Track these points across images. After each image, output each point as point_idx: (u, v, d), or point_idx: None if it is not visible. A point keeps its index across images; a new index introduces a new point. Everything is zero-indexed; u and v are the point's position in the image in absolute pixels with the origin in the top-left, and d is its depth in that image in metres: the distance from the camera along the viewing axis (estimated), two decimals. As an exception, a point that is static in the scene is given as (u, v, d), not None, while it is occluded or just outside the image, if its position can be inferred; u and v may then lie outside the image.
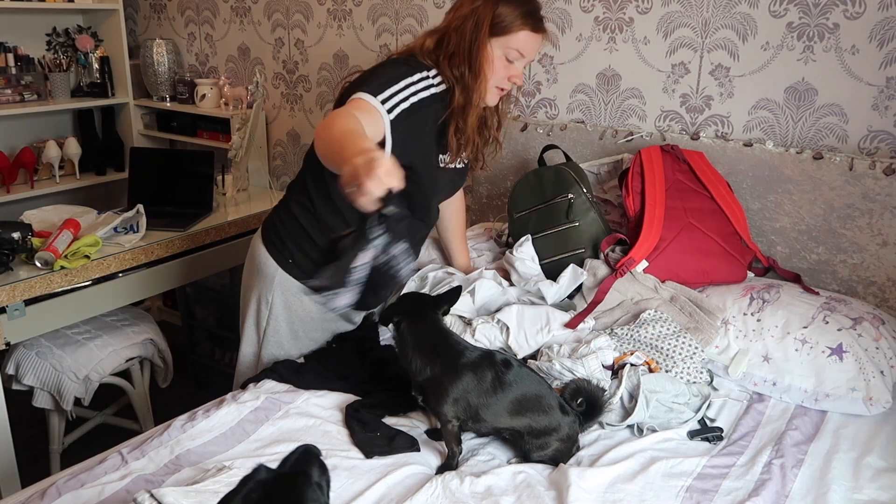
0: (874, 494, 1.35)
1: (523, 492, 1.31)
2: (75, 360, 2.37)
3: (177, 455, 1.40)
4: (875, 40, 1.88)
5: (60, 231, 2.24)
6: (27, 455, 2.29)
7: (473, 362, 1.40)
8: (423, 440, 1.50)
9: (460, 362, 1.39)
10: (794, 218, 2.00)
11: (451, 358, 1.40)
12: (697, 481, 1.36)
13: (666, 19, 2.17)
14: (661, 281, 1.87)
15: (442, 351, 1.41)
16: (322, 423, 1.51)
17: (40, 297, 2.15)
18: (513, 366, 1.43)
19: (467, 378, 1.38)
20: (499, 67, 1.63)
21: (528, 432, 1.41)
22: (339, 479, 1.33)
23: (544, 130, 2.39)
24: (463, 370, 1.39)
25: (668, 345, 1.68)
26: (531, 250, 1.94)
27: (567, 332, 1.71)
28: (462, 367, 1.39)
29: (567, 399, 1.46)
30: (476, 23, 1.59)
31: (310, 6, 2.95)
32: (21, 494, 1.31)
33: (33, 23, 3.34)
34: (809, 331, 1.68)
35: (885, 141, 1.92)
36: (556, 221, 1.95)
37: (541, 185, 2.01)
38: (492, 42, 1.61)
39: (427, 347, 1.41)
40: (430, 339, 1.42)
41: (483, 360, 1.41)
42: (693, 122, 2.20)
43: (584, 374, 1.55)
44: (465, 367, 1.39)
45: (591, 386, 1.48)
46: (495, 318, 1.70)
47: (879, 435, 1.54)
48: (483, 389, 1.39)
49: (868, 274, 1.92)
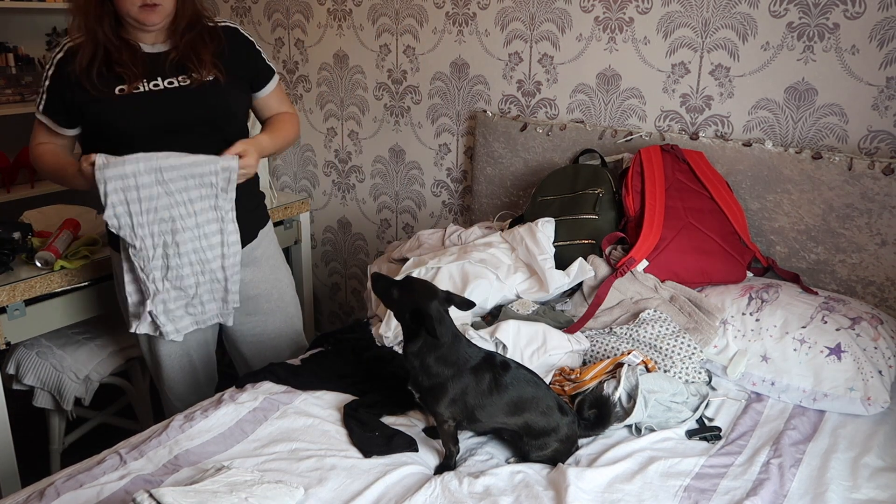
0: (872, 494, 1.35)
1: (522, 492, 1.31)
2: (75, 360, 2.37)
3: (175, 455, 1.40)
4: (875, 40, 1.88)
5: (60, 231, 2.24)
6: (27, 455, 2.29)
7: (475, 366, 1.41)
8: (422, 439, 1.50)
9: (466, 368, 1.40)
10: (793, 218, 2.00)
11: (459, 365, 1.40)
12: (696, 481, 1.37)
13: (666, 19, 2.17)
14: (661, 280, 1.87)
15: (453, 358, 1.40)
16: (320, 423, 1.51)
17: (40, 297, 2.15)
18: (511, 367, 1.43)
19: (466, 380, 1.39)
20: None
21: (526, 433, 1.41)
22: (338, 479, 1.34)
23: (544, 130, 2.39)
24: (465, 374, 1.39)
25: (667, 344, 1.68)
26: (551, 231, 2.01)
27: (561, 352, 1.71)
28: (465, 372, 1.39)
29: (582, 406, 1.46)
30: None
31: (310, 6, 2.95)
32: (20, 495, 1.31)
33: (33, 23, 3.35)
34: (808, 330, 1.68)
35: (885, 141, 1.92)
36: (579, 211, 2.03)
37: (576, 178, 2.13)
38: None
39: (443, 354, 1.39)
40: (448, 345, 1.40)
41: (484, 362, 1.42)
42: (693, 122, 2.20)
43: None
44: (468, 371, 1.40)
45: (606, 400, 1.48)
46: (493, 335, 1.70)
47: (877, 434, 1.54)
48: (480, 391, 1.39)
49: (867, 274, 1.92)
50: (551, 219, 2.04)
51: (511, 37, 2.48)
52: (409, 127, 2.82)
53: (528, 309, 1.84)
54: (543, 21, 2.40)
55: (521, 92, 2.51)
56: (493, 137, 2.50)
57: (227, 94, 1.84)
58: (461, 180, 2.75)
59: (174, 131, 1.77)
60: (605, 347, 1.74)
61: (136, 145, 1.68)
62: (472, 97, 2.63)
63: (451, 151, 2.74)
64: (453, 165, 2.75)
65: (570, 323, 1.82)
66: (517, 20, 2.45)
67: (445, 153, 2.75)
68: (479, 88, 2.60)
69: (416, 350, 1.40)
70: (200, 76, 1.79)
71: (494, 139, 2.50)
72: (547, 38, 2.41)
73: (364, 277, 3.08)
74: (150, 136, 1.74)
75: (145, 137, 1.73)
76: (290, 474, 1.34)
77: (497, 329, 1.71)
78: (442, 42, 2.63)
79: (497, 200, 2.56)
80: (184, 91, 1.79)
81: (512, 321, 1.74)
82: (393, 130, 2.87)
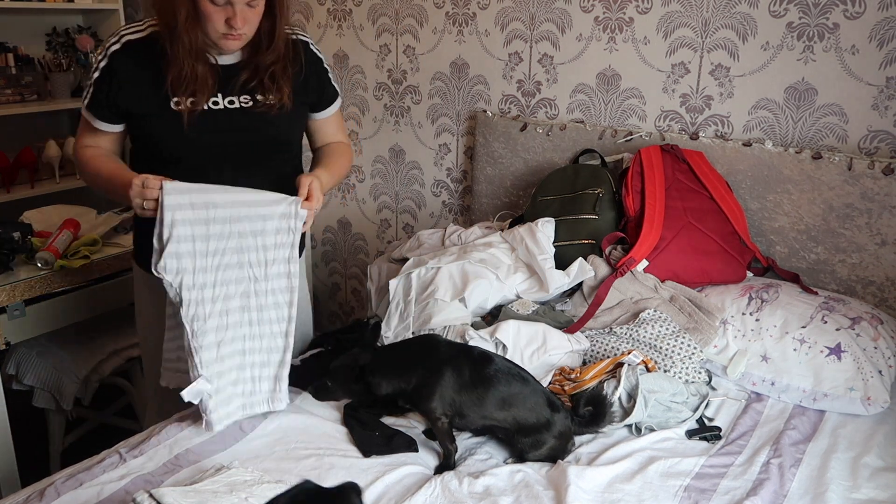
0: (872, 494, 1.35)
1: (521, 491, 1.31)
2: (75, 360, 2.37)
3: (175, 455, 1.40)
4: (875, 40, 1.88)
5: (60, 231, 2.24)
6: (27, 455, 2.29)
7: (450, 357, 1.43)
8: (422, 440, 1.50)
9: (438, 359, 1.42)
10: (793, 218, 2.00)
11: (428, 360, 1.43)
12: (696, 481, 1.37)
13: (666, 19, 2.17)
14: (661, 280, 1.87)
15: (416, 359, 1.44)
16: (320, 422, 1.51)
17: (40, 297, 2.15)
18: (493, 361, 1.43)
19: (447, 374, 1.41)
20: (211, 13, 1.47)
21: (517, 430, 1.41)
22: (338, 478, 1.34)
23: (544, 130, 2.39)
24: (441, 366, 1.41)
25: (667, 344, 1.68)
26: (551, 231, 2.01)
27: (561, 352, 1.71)
28: (440, 364, 1.42)
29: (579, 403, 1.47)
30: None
31: (310, 6, 2.95)
32: (20, 495, 1.31)
33: (33, 23, 3.35)
34: (808, 330, 1.68)
35: (885, 141, 1.92)
36: (578, 210, 2.03)
37: (576, 178, 2.13)
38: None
39: (400, 363, 1.44)
40: (397, 356, 1.46)
41: (459, 354, 1.44)
42: (693, 121, 2.20)
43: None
44: (443, 363, 1.42)
45: (602, 398, 1.48)
46: (493, 335, 1.70)
47: (877, 434, 1.54)
48: (462, 384, 1.40)
49: (867, 274, 1.92)
50: (551, 219, 2.04)
51: (511, 37, 2.48)
52: (409, 127, 2.82)
53: (528, 309, 1.84)
54: (543, 21, 2.40)
55: (521, 92, 2.51)
56: (493, 137, 2.50)
57: (290, 120, 1.67)
58: (461, 180, 2.75)
59: (225, 154, 1.61)
60: (605, 347, 1.74)
61: (182, 166, 1.54)
62: (472, 97, 2.63)
63: (451, 151, 2.74)
64: (453, 165, 2.75)
65: (570, 323, 1.82)
66: (517, 20, 2.45)
67: (445, 153, 2.75)
68: (479, 88, 2.60)
69: (369, 367, 1.45)
70: (266, 98, 1.61)
71: (494, 139, 2.50)
72: (547, 38, 2.41)
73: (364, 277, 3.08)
74: (198, 158, 1.59)
75: (193, 159, 1.59)
76: (289, 474, 1.34)
77: (497, 329, 1.71)
78: (442, 42, 2.63)
79: (497, 200, 2.56)
80: (245, 113, 1.60)
81: (512, 321, 1.74)
82: (393, 130, 2.87)
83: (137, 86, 1.54)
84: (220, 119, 1.59)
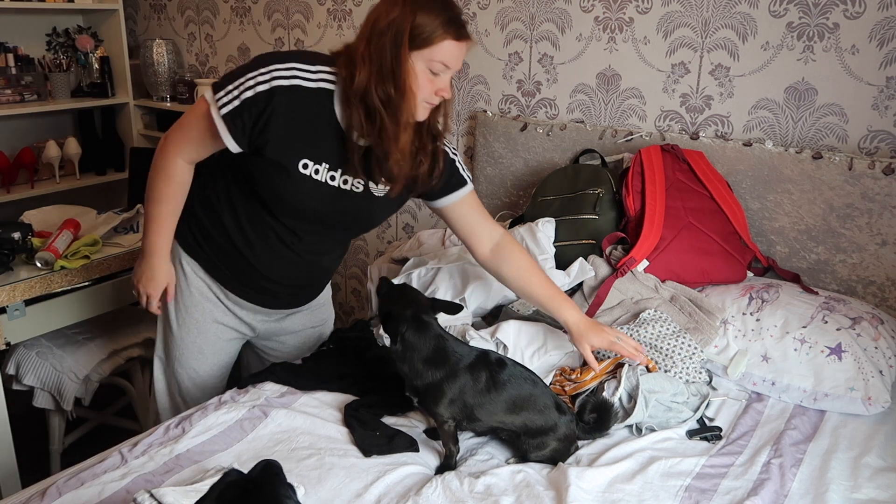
0: (873, 494, 1.35)
1: (522, 491, 1.31)
2: (75, 360, 2.37)
3: (176, 454, 1.40)
4: (875, 40, 1.88)
5: (60, 231, 2.24)
6: (27, 455, 2.29)
7: (470, 364, 1.41)
8: (423, 440, 1.50)
9: (459, 367, 1.40)
10: (793, 218, 2.00)
11: (451, 364, 1.40)
12: (696, 481, 1.37)
13: (666, 19, 2.17)
14: (662, 280, 1.87)
15: (442, 358, 1.40)
16: (321, 422, 1.51)
17: (40, 297, 2.15)
18: (507, 365, 1.43)
19: (464, 379, 1.39)
20: (424, 82, 1.44)
21: (524, 432, 1.41)
22: (338, 478, 1.34)
23: (544, 130, 2.39)
24: (461, 373, 1.39)
25: (667, 344, 1.68)
26: (551, 231, 2.01)
27: (561, 352, 1.70)
28: (460, 371, 1.40)
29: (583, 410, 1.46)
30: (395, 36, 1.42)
31: (310, 6, 2.95)
32: (21, 494, 1.31)
33: (33, 23, 3.35)
34: (808, 330, 1.68)
35: (885, 141, 1.92)
36: (579, 211, 2.03)
37: (576, 178, 2.12)
38: (413, 55, 1.42)
39: (429, 356, 1.40)
40: (431, 347, 1.41)
41: (479, 360, 1.42)
42: (693, 121, 2.20)
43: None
44: (463, 370, 1.40)
45: (607, 405, 1.48)
46: (494, 336, 1.70)
47: (878, 434, 1.54)
48: (478, 389, 1.39)
49: (867, 273, 1.92)
50: (551, 219, 2.04)
51: (511, 37, 2.48)
52: (409, 127, 2.82)
53: (529, 309, 1.84)
54: (543, 21, 2.40)
55: (521, 92, 2.51)
56: (493, 137, 2.50)
57: (388, 206, 1.64)
58: (461, 180, 2.75)
59: (320, 220, 1.60)
60: (605, 347, 1.74)
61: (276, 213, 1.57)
62: (471, 97, 2.63)
63: (452, 151, 2.74)
64: (453, 165, 2.75)
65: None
66: (517, 20, 2.45)
67: (445, 153, 2.75)
68: (478, 88, 2.60)
69: (400, 354, 1.41)
70: (377, 187, 1.57)
71: (494, 139, 2.50)
72: (547, 38, 2.41)
73: (364, 277, 3.08)
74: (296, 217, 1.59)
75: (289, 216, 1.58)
76: (290, 474, 1.34)
77: (497, 329, 1.71)
78: (442, 42, 2.63)
79: (497, 200, 2.56)
80: (352, 195, 1.57)
81: (512, 321, 1.74)
82: (393, 130, 2.87)
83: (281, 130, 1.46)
84: (333, 194, 1.55)
